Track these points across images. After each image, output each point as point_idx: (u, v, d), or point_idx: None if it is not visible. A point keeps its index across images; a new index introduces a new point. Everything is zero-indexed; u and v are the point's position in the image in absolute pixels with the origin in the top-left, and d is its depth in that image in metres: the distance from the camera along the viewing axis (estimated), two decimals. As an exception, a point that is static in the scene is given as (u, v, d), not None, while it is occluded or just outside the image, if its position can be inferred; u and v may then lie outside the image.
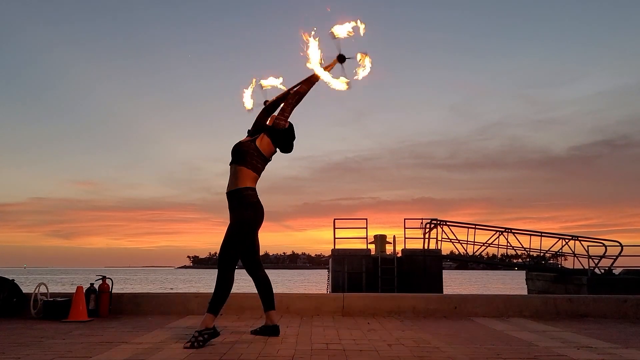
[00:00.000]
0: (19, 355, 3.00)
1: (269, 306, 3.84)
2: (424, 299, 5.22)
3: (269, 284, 3.86)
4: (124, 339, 3.57)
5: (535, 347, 3.37)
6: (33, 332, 3.94)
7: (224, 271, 3.51)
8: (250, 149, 3.75)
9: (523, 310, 5.11)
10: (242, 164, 3.69)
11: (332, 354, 3.07)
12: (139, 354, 3.05)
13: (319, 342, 3.49)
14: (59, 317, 4.63)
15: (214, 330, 3.41)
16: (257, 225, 3.71)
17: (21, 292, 4.97)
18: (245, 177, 3.67)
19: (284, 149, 3.92)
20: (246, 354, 3.07)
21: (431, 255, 15.37)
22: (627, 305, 5.13)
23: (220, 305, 3.48)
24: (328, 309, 5.12)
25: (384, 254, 15.62)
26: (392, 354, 3.10)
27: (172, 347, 3.27)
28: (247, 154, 3.72)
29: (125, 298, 5.15)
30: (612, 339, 3.75)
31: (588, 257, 15.15)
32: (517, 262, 19.11)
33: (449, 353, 3.14)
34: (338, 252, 15.16)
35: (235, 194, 3.65)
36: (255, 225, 3.68)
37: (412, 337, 3.78)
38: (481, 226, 16.89)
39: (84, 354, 3.04)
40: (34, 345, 3.34)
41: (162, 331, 3.99)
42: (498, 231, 16.44)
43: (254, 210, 3.64)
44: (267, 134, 3.83)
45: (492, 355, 3.08)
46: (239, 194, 3.64)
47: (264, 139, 3.82)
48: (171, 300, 5.21)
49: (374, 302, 5.20)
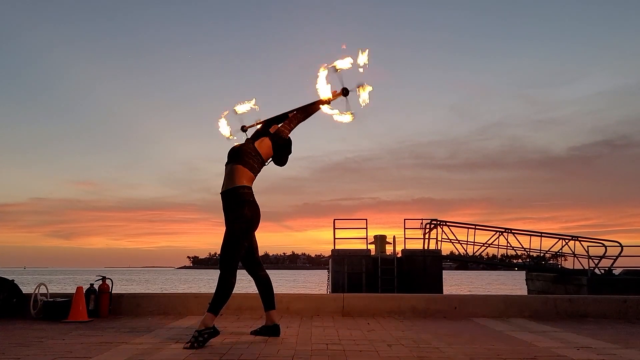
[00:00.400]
0: (19, 355, 3.00)
1: (270, 306, 3.84)
2: (424, 299, 5.22)
3: (270, 284, 3.86)
4: (123, 340, 3.57)
5: (535, 347, 3.37)
6: (33, 332, 3.94)
7: (226, 272, 3.50)
8: (248, 148, 3.76)
9: (523, 310, 5.10)
10: (239, 163, 3.67)
11: (332, 355, 3.07)
12: (139, 354, 3.05)
13: (319, 343, 3.49)
14: (59, 318, 4.63)
15: (214, 329, 3.41)
16: (255, 223, 3.69)
17: (21, 292, 4.97)
18: (241, 175, 3.65)
19: (278, 160, 3.93)
20: (246, 354, 3.07)
21: (431, 256, 15.37)
22: (627, 305, 5.13)
23: (221, 305, 3.48)
24: (328, 309, 5.12)
25: (384, 255, 15.62)
26: (392, 354, 3.10)
27: (172, 348, 3.27)
28: (245, 153, 3.72)
29: (125, 298, 5.14)
30: (612, 339, 3.75)
31: (588, 257, 15.14)
32: (517, 263, 19.16)
33: (449, 353, 3.14)
34: (338, 252, 15.16)
35: (231, 192, 3.62)
36: (253, 223, 3.66)
37: (412, 337, 3.78)
38: (481, 226, 16.89)
39: (84, 354, 3.04)
40: (34, 345, 3.34)
41: (162, 331, 3.99)
42: (498, 231, 16.44)
43: (251, 209, 3.62)
44: (269, 137, 3.85)
45: (492, 355, 3.08)
46: (235, 193, 3.61)
47: (264, 141, 3.83)
48: (171, 300, 5.21)
49: (374, 303, 5.20)
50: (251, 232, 3.69)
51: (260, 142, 3.83)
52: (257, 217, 3.68)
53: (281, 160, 3.96)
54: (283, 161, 3.97)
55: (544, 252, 16.67)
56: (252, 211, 3.62)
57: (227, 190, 3.65)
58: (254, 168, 3.71)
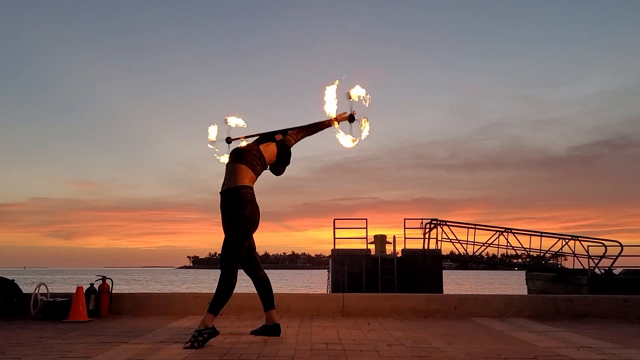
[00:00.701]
0: (19, 355, 3.00)
1: (269, 305, 3.83)
2: (424, 299, 5.22)
3: (269, 284, 3.86)
4: (123, 339, 3.57)
5: (535, 347, 3.37)
6: (33, 332, 3.94)
7: (227, 272, 3.49)
8: (252, 149, 3.76)
9: (523, 310, 5.10)
10: (241, 162, 3.66)
11: (332, 354, 3.07)
12: (139, 354, 3.05)
13: (319, 342, 3.49)
14: (59, 318, 4.63)
15: (214, 329, 3.41)
16: (256, 223, 3.68)
17: (21, 292, 4.97)
18: (243, 175, 3.63)
19: (277, 168, 3.96)
20: (246, 354, 3.07)
21: (431, 255, 15.37)
22: (627, 305, 5.13)
23: (221, 306, 3.48)
24: (328, 309, 5.12)
25: (384, 254, 15.62)
26: (392, 354, 3.10)
27: (172, 347, 3.27)
28: (249, 153, 3.72)
29: (125, 298, 5.14)
30: (612, 339, 3.75)
31: (588, 257, 15.14)
32: (517, 262, 19.11)
33: (449, 353, 3.14)
34: (338, 252, 15.16)
35: (232, 191, 3.59)
36: (254, 223, 3.65)
37: (412, 337, 3.78)
38: (481, 226, 16.89)
39: (84, 354, 3.04)
40: (34, 345, 3.34)
41: (162, 331, 3.99)
42: (498, 231, 16.44)
43: (252, 209, 3.61)
44: (275, 144, 3.88)
45: (492, 355, 3.08)
46: (236, 192, 3.58)
47: (269, 146, 3.87)
48: (171, 300, 5.22)
49: (374, 302, 5.20)
50: (252, 232, 3.68)
51: (266, 146, 3.84)
52: (258, 218, 3.68)
53: (279, 170, 3.98)
54: (280, 171, 4.00)
55: (544, 252, 16.67)
56: (253, 211, 3.61)
57: (228, 189, 3.62)
58: (256, 169, 3.70)
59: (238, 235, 3.56)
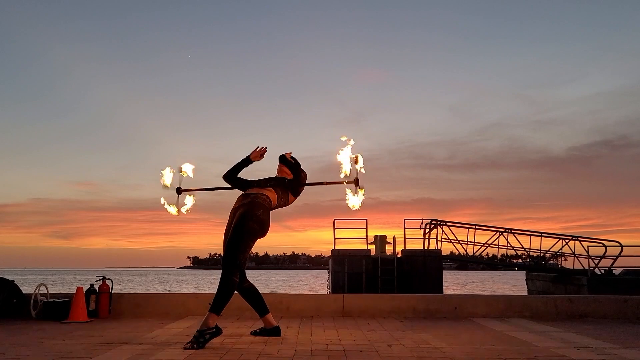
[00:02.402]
0: (19, 355, 3.00)
1: (263, 311, 3.83)
2: (424, 299, 5.22)
3: (256, 290, 3.86)
4: (124, 340, 3.57)
5: (535, 347, 3.37)
6: (33, 332, 3.94)
7: (229, 271, 3.47)
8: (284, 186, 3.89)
9: (523, 310, 5.10)
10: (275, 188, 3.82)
11: (332, 355, 3.06)
12: (139, 354, 3.05)
13: (319, 343, 3.49)
14: (59, 318, 4.64)
15: (216, 329, 3.40)
16: (265, 227, 3.68)
17: (21, 292, 4.97)
18: (268, 192, 3.78)
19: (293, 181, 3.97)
20: (246, 354, 3.07)
21: (431, 256, 15.36)
22: (627, 305, 5.13)
23: (223, 305, 3.46)
24: (328, 310, 5.12)
25: (384, 255, 15.61)
26: (392, 354, 3.10)
27: (172, 348, 3.27)
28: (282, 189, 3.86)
29: (125, 299, 5.15)
30: (612, 339, 3.75)
31: (588, 257, 15.15)
32: (517, 263, 19.10)
33: (449, 353, 3.14)
34: (338, 252, 15.16)
35: (254, 195, 3.72)
36: (263, 226, 3.66)
37: (412, 337, 3.78)
38: (481, 226, 16.89)
39: (84, 354, 3.04)
40: (34, 345, 3.34)
41: (162, 332, 3.99)
42: (498, 231, 16.44)
43: (266, 215, 3.67)
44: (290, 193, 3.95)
45: (492, 355, 3.08)
46: (256, 195, 3.71)
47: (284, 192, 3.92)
48: (171, 300, 5.21)
49: (374, 303, 5.21)
50: (259, 235, 3.68)
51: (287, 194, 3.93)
52: (268, 225, 3.72)
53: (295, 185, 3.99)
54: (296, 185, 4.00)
55: (544, 252, 16.67)
56: (265, 217, 3.67)
57: (251, 192, 3.75)
58: (280, 201, 3.85)
59: (247, 234, 3.55)
